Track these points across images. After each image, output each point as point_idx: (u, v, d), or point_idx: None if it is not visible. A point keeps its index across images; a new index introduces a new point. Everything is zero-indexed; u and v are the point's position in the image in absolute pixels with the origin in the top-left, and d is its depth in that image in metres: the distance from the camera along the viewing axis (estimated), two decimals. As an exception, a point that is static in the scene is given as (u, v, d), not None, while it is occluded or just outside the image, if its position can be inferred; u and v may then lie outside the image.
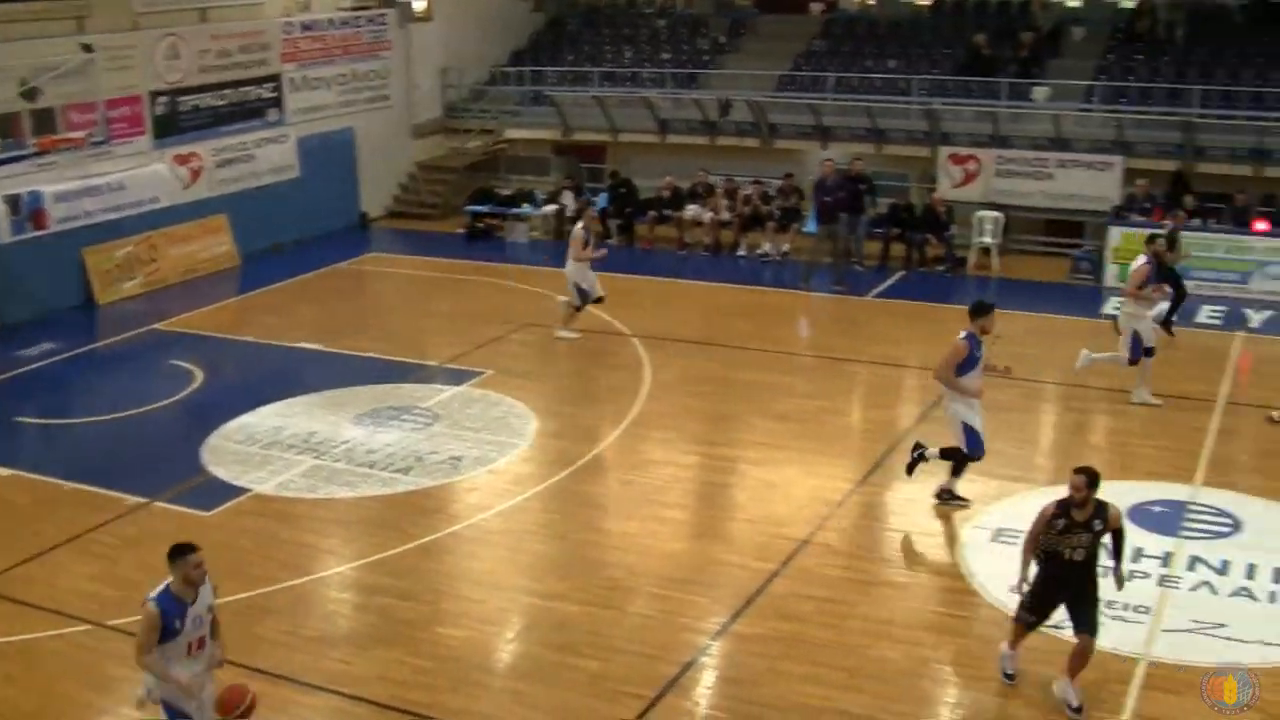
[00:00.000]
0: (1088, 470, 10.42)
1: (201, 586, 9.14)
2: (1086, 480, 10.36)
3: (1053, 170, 26.50)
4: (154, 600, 9.00)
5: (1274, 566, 13.24)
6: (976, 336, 14.19)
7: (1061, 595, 10.74)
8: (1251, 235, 24.02)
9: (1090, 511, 10.41)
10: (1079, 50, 29.91)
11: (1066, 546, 10.44)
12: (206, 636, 9.27)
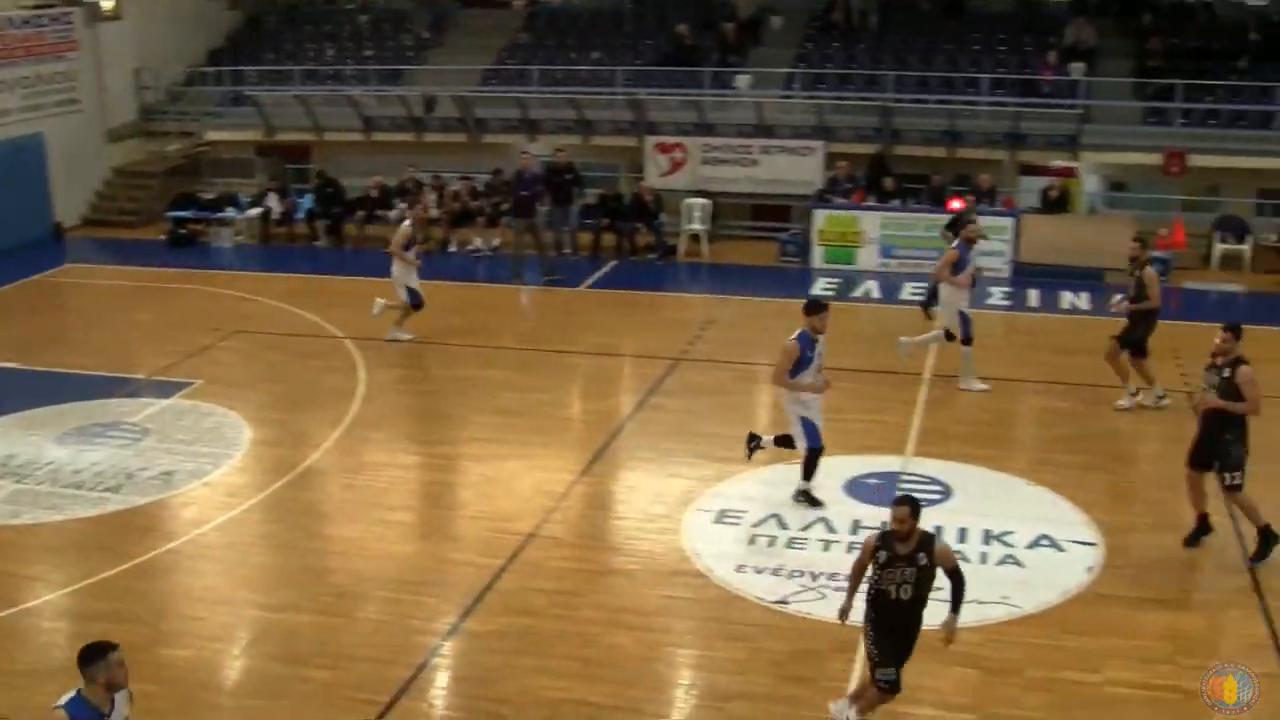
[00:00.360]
0: (909, 499, 9.67)
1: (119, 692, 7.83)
2: (910, 510, 9.55)
3: (757, 156, 27.06)
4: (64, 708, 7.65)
5: (983, 529, 13.80)
6: (809, 335, 13.90)
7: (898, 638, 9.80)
8: (948, 214, 24.94)
9: (915, 544, 9.57)
10: (778, 39, 30.69)
11: (890, 583, 9.59)
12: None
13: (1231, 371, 12.88)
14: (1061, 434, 16.80)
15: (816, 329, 13.90)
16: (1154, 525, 14.13)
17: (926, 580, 9.63)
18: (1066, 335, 20.94)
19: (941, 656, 11.26)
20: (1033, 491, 14.92)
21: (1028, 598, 12.43)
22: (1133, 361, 17.59)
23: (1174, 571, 13.15)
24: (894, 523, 9.60)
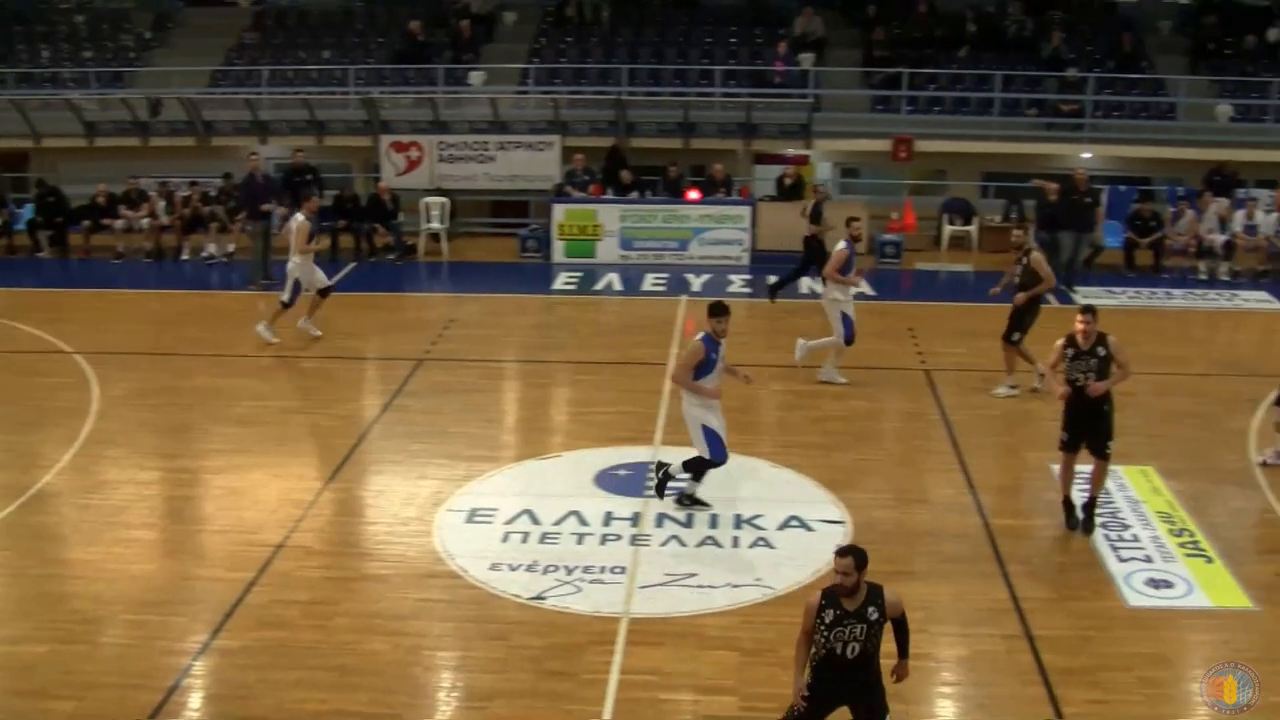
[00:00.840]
0: (854, 550, 8.76)
1: None
2: (855, 562, 8.68)
3: (494, 153, 26.98)
4: None
5: (734, 514, 13.96)
6: (712, 338, 13.55)
7: (839, 698, 9.04)
8: (686, 204, 25.27)
9: (863, 598, 8.76)
10: (512, 35, 30.65)
11: (839, 642, 8.75)
12: None
13: (1105, 348, 13.23)
14: (804, 417, 17.14)
15: (718, 332, 13.54)
16: (897, 500, 14.52)
17: (876, 637, 8.86)
18: (806, 319, 21.35)
19: (699, 641, 11.41)
20: (780, 474, 15.18)
21: (780, 578, 12.61)
22: (1004, 345, 17.97)
23: (919, 544, 13.50)
24: (838, 575, 8.73)
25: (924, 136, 26.71)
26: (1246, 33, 29.41)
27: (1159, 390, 18.22)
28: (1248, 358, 19.69)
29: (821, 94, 27.50)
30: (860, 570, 8.72)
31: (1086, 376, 13.23)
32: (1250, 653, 11.48)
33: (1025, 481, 15.17)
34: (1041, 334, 17.38)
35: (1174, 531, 13.82)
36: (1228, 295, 24.01)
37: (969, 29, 29.10)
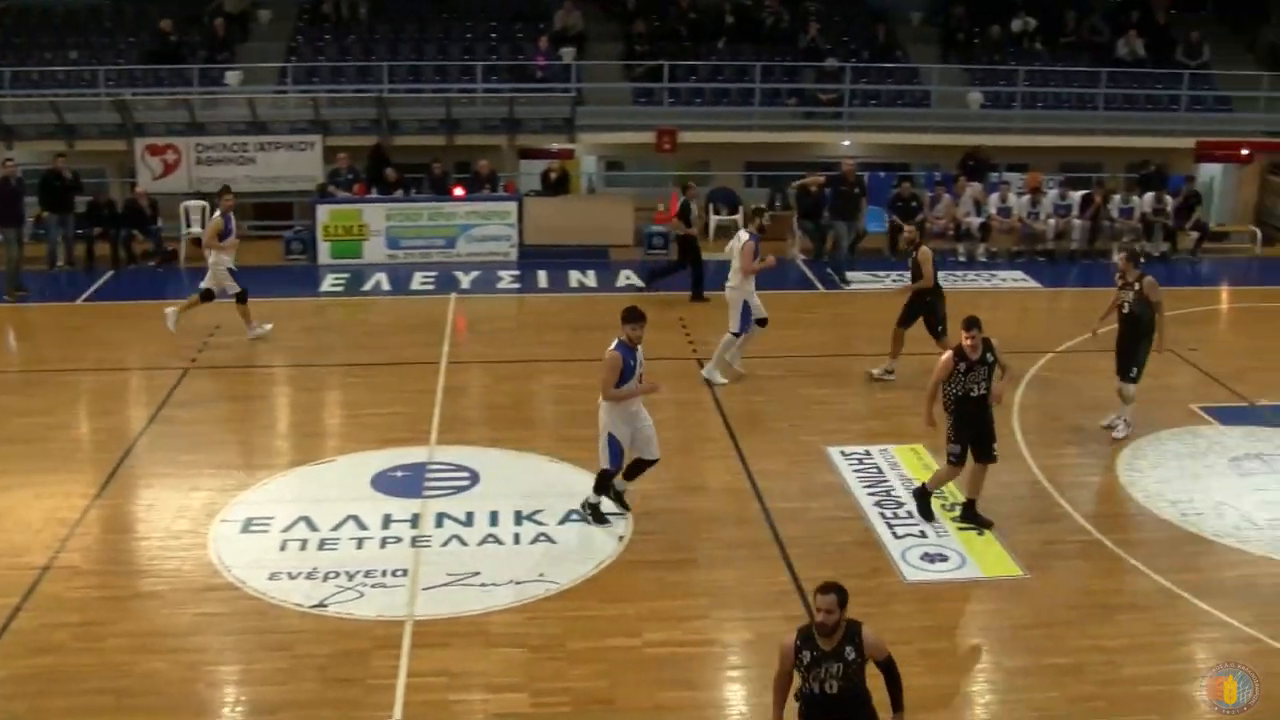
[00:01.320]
0: (836, 588, 8.49)
1: None
2: (836, 599, 8.42)
3: (254, 154, 26.38)
4: None
5: (514, 510, 13.94)
6: (627, 345, 13.19)
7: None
8: (452, 201, 25.10)
9: (840, 638, 8.45)
10: (268, 33, 29.98)
11: (817, 681, 8.47)
12: None
13: (992, 354, 13.37)
14: (581, 410, 17.06)
15: (633, 338, 13.22)
16: (676, 489, 14.66)
17: (857, 674, 8.53)
18: (577, 313, 21.45)
19: (485, 639, 11.36)
20: (558, 468, 15.20)
21: (564, 572, 12.63)
22: (896, 332, 18.35)
23: (700, 531, 13.67)
24: (820, 613, 8.46)
25: (687, 128, 27.00)
26: (992, 23, 30.47)
27: (925, 370, 18.65)
28: (1007, 335, 20.24)
29: (584, 88, 27.59)
30: (842, 609, 8.44)
31: (979, 385, 13.34)
32: (1022, 619, 11.98)
33: (801, 465, 15.46)
34: (785, 322, 17.71)
35: (946, 506, 14.26)
36: (985, 275, 24.86)
37: (727, 21, 29.52)
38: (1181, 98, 29.03)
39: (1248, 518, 14.25)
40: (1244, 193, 29.84)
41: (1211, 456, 15.95)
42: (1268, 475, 15.47)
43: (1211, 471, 15.41)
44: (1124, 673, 11.00)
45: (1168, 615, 12.30)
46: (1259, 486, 15.10)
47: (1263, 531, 13.92)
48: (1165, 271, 24.43)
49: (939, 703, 10.79)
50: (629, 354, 13.21)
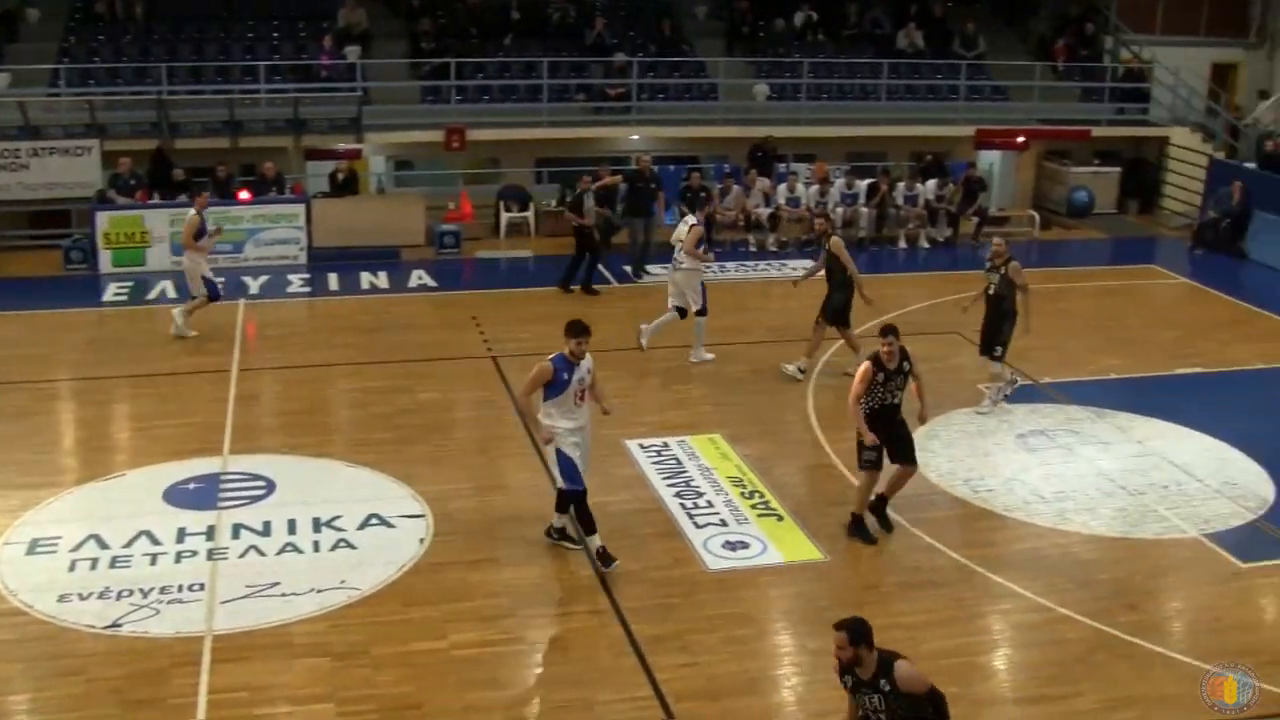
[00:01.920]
0: (846, 625, 8.45)
1: None
2: (847, 636, 8.37)
3: (27, 160, 25.35)
4: None
5: (312, 517, 13.68)
6: (566, 358, 12.50)
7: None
8: (238, 205, 24.54)
9: (874, 669, 8.42)
10: (38, 33, 28.82)
11: (863, 710, 8.54)
12: None
13: (909, 362, 13.35)
14: (376, 412, 16.96)
15: (574, 353, 12.54)
16: (476, 489, 14.59)
17: (902, 706, 8.40)
18: (370, 315, 21.16)
19: (288, 651, 11.14)
20: (356, 473, 14.97)
21: (366, 578, 12.46)
22: (840, 332, 18.50)
23: (501, 530, 13.60)
24: (835, 650, 8.49)
25: (476, 126, 26.84)
26: (776, 17, 30.93)
27: (719, 359, 18.98)
28: (799, 323, 20.67)
29: (370, 87, 27.21)
30: (856, 644, 8.38)
31: (894, 394, 13.36)
32: (825, 601, 12.19)
33: (600, 459, 15.38)
34: (579, 316, 17.74)
35: (745, 494, 14.44)
36: (776, 265, 25.23)
37: (514, 17, 29.42)
38: (960, 87, 29.88)
39: (1036, 492, 14.75)
40: (1022, 178, 30.87)
41: (1000, 434, 16.46)
42: (1053, 450, 16.04)
43: (1001, 449, 15.90)
44: (924, 648, 11.24)
45: (964, 590, 12.66)
46: (1045, 461, 15.66)
47: (1050, 504, 14.42)
48: (948, 257, 25.14)
49: (746, 689, 10.93)
50: (566, 368, 12.49)
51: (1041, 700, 10.89)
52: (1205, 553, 13.63)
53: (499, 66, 28.32)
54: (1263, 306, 23.02)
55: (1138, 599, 12.67)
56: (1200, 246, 27.22)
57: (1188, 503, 14.74)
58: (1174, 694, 11.07)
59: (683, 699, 10.68)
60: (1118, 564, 13.36)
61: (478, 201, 26.93)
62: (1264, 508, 14.67)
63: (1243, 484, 15.28)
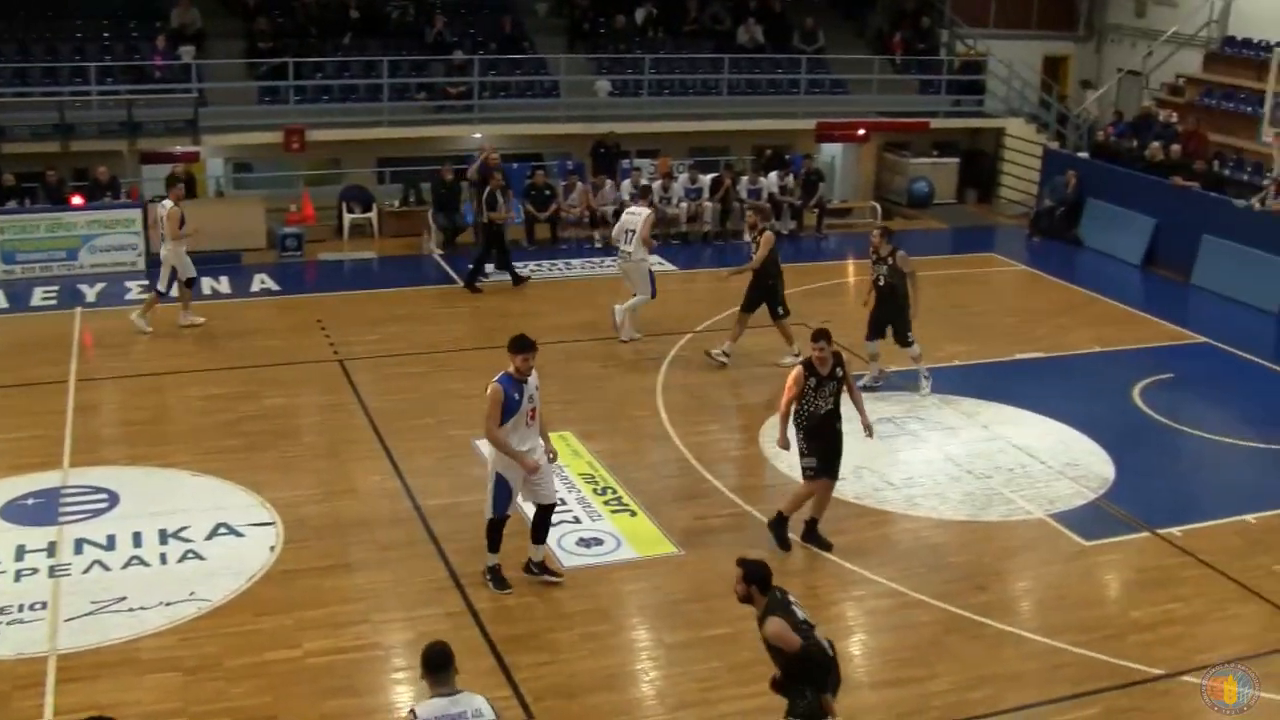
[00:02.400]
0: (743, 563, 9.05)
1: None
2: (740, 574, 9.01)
3: None
4: None
5: (158, 529, 13.36)
6: (513, 377, 11.85)
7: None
8: (71, 211, 23.88)
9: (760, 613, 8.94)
10: None
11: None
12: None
13: (842, 368, 13.02)
14: (222, 420, 16.62)
15: (521, 370, 11.87)
16: (325, 494, 14.39)
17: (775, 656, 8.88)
18: (213, 321, 20.65)
19: (137, 667, 10.87)
20: (202, 482, 14.66)
21: (215, 589, 12.22)
22: (775, 323, 18.80)
23: (353, 534, 13.44)
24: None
25: (316, 126, 26.42)
26: (617, 13, 30.96)
27: (568, 357, 18.95)
28: (647, 319, 20.76)
29: (206, 87, 26.65)
30: (746, 583, 8.94)
31: (829, 400, 12.96)
32: (680, 595, 12.27)
33: (450, 460, 15.37)
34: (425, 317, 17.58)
35: (598, 491, 14.44)
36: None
37: (352, 16, 29.04)
38: (800, 82, 30.15)
39: (885, 479, 14.98)
40: (863, 170, 31.32)
41: (847, 423, 16.59)
42: (900, 437, 16.32)
43: (848, 437, 16.04)
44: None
45: (817, 578, 12.80)
46: (893, 449, 15.90)
47: (899, 491, 14.67)
48: (793, 249, 25.39)
49: (605, 684, 10.94)
50: (515, 387, 11.86)
51: (898, 684, 11.06)
52: (1050, 532, 13.98)
53: (338, 66, 27.93)
54: (1098, 291, 23.65)
55: (987, 580, 12.95)
56: (1037, 234, 27.84)
57: (1032, 485, 15.09)
58: (1025, 671, 11.35)
59: (542, 698, 10.65)
60: (966, 547, 13.63)
61: (319, 203, 26.55)
62: (1105, 487, 15.10)
63: (1084, 465, 15.70)
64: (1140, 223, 25.94)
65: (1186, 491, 15.60)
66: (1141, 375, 18.93)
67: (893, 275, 17.27)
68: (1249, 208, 23.70)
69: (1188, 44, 31.22)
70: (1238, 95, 28.38)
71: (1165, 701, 11.01)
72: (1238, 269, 23.52)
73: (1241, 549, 13.73)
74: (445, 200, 25.15)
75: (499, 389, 11.78)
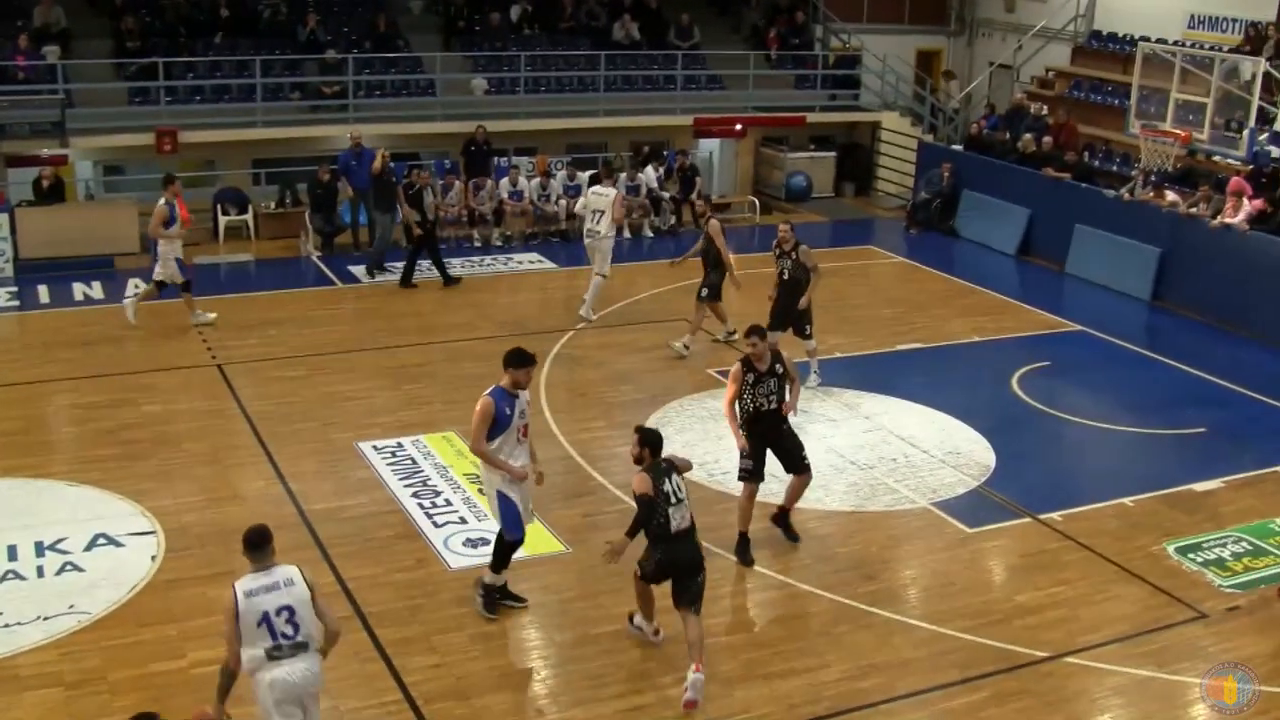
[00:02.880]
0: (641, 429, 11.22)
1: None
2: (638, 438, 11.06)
3: None
4: None
5: (34, 541, 13.04)
6: (506, 391, 11.39)
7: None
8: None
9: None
10: None
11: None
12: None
13: (781, 364, 12.79)
14: (98, 428, 16.26)
15: (519, 383, 11.44)
16: (208, 501, 14.15)
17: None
18: (87, 327, 20.27)
19: (16, 684, 10.60)
20: (79, 492, 14.33)
21: (95, 601, 11.96)
22: (711, 305, 19.29)
23: (236, 542, 13.01)
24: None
25: (188, 127, 25.96)
26: (491, 11, 30.80)
27: (451, 357, 18.86)
28: (529, 316, 20.71)
29: (73, 89, 26.08)
30: (641, 446, 11.00)
31: (769, 399, 12.72)
32: (569, 593, 12.29)
33: (334, 463, 15.20)
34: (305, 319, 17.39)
35: (483, 491, 14.28)
36: (503, 259, 25.15)
37: (223, 14, 28.58)
38: (677, 78, 30.25)
39: (770, 471, 14.98)
40: (741, 165, 31.49)
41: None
42: (785, 430, 16.37)
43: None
44: (668, 632, 11.36)
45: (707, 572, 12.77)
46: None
47: (784, 483, 14.62)
48: (675, 245, 25.44)
49: (498, 685, 10.89)
50: (507, 402, 11.39)
51: (789, 675, 11.12)
52: (935, 521, 14.16)
53: (210, 66, 27.46)
54: (974, 281, 24.02)
55: (874, 569, 13.08)
56: (914, 226, 28.20)
57: (915, 474, 15.28)
58: (914, 658, 11.48)
59: (433, 700, 10.57)
60: (853, 537, 13.76)
61: (193, 205, 26.00)
62: (986, 475, 15.33)
63: (966, 453, 15.92)
64: (1015, 214, 26.40)
65: (1066, 477, 15.88)
66: (1019, 364, 19.26)
67: (796, 269, 17.42)
68: (1119, 198, 24.18)
69: (1056, 38, 31.81)
70: (1105, 88, 28.95)
71: (1051, 683, 11.19)
72: (1110, 258, 24.01)
73: (1120, 531, 14.01)
74: (322, 201, 24.87)
75: (490, 402, 11.29)
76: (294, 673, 8.69)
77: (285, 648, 8.68)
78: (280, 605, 8.66)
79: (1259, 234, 21.50)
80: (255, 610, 8.62)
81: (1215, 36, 27.75)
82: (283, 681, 8.67)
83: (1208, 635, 11.99)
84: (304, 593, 8.77)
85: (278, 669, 8.66)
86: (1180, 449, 16.78)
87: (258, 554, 8.84)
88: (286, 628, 8.67)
